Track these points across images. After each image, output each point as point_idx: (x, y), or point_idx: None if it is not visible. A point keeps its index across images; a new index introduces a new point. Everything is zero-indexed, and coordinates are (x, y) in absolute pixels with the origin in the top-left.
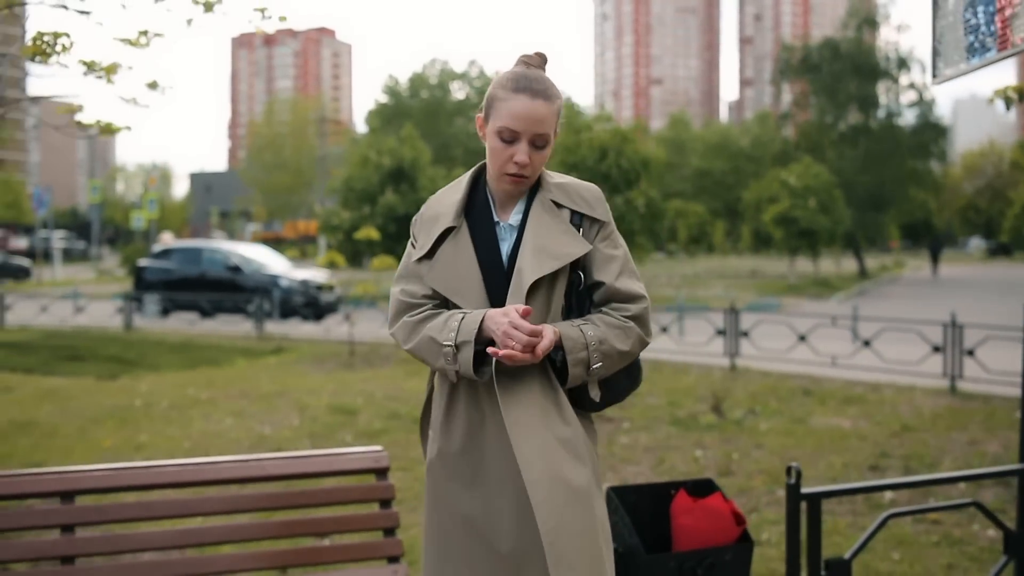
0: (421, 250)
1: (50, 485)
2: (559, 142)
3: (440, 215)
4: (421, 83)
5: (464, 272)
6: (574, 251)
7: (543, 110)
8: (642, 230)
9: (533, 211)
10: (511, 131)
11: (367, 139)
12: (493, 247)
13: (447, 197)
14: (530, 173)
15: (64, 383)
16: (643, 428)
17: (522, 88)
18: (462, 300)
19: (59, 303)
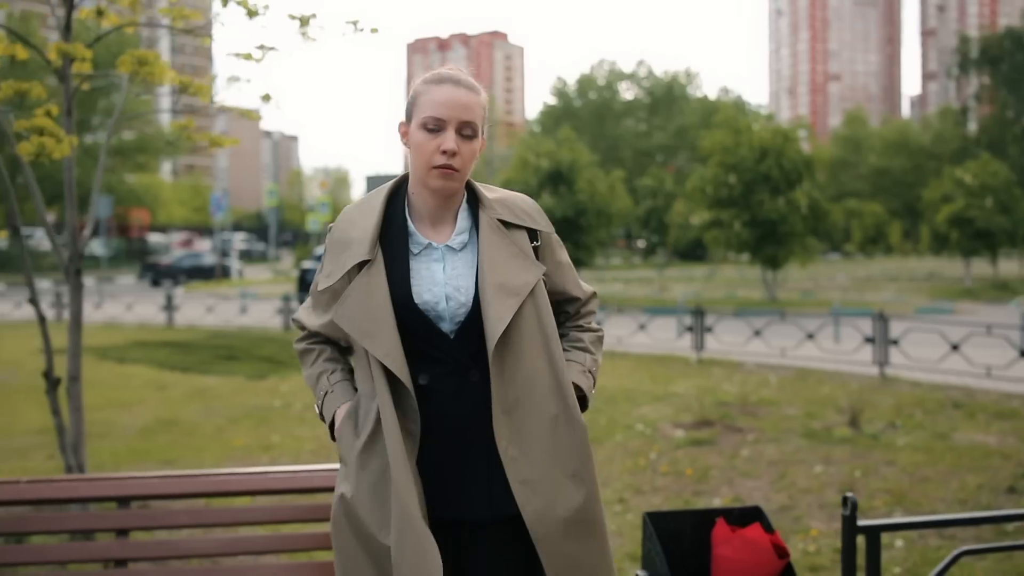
0: (327, 278)
1: (107, 490)
2: (717, 142)
3: (352, 242)
4: (589, 84)
5: (376, 313)
6: (530, 279)
7: (468, 97)
8: (805, 231)
9: (483, 236)
10: (436, 119)
11: (526, 141)
12: (403, 281)
13: (360, 219)
14: (460, 165)
15: (215, 382)
16: (772, 440)
17: (444, 79)
18: (372, 344)
19: (224, 304)
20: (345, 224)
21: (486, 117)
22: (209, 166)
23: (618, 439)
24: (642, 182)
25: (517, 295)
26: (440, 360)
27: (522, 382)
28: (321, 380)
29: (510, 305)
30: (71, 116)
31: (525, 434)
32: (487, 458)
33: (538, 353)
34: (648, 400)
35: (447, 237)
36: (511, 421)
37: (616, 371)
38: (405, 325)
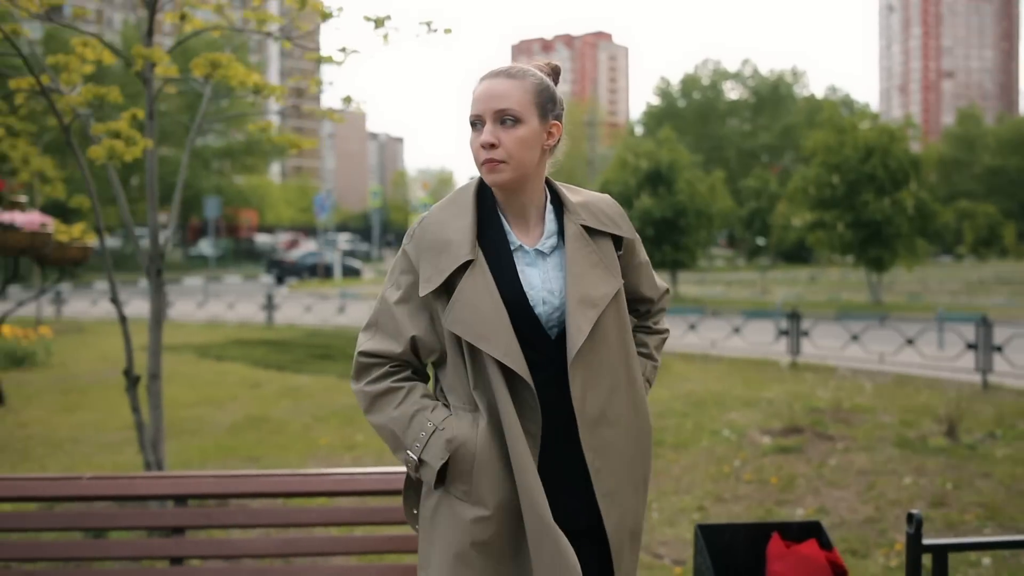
0: (429, 284)
1: (165, 488)
2: (820, 141)
3: (449, 243)
4: (693, 84)
5: (489, 313)
6: (608, 291)
7: (504, 85)
8: (911, 232)
9: (569, 245)
10: (474, 115)
11: (626, 142)
12: (515, 279)
13: (452, 220)
14: (503, 156)
15: (307, 381)
16: (863, 449)
17: (486, 75)
18: (488, 345)
19: (323, 303)
20: (435, 226)
21: (548, 100)
22: (316, 167)
23: (704, 445)
24: (746, 183)
25: (596, 307)
26: (541, 365)
27: (604, 393)
28: (418, 420)
29: (589, 317)
30: (153, 119)
31: (607, 446)
32: (580, 467)
33: (619, 363)
34: (738, 405)
35: (535, 240)
36: (595, 432)
37: (708, 375)
38: (520, 326)
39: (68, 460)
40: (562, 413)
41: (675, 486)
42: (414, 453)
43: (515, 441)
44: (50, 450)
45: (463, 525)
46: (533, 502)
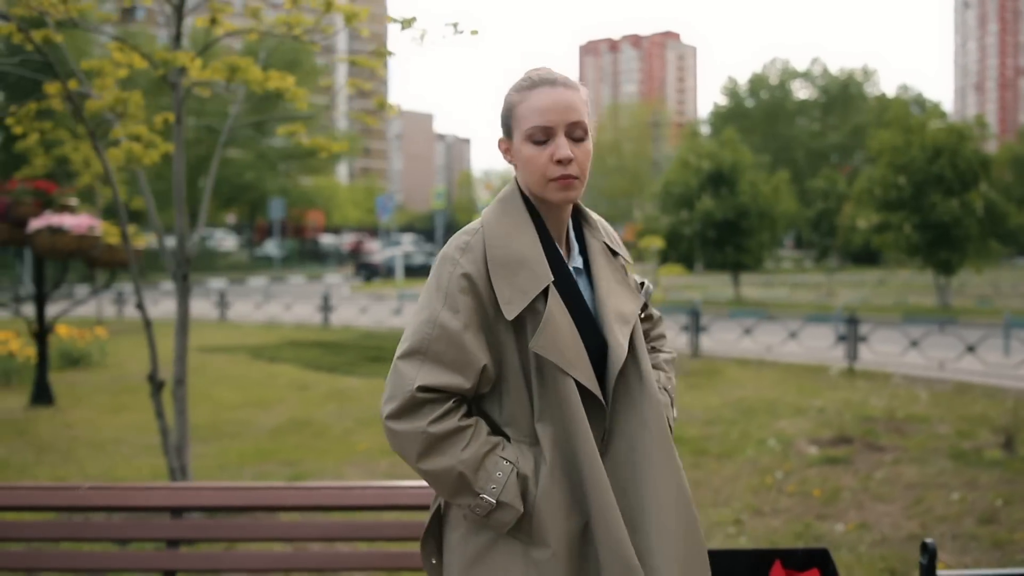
0: (512, 306)
1: (161, 500)
2: (886, 141)
3: (525, 261)
4: (761, 83)
5: (571, 339)
6: (636, 308)
7: (570, 96)
8: (981, 234)
9: (596, 260)
10: (542, 128)
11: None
12: (580, 301)
13: (516, 234)
14: (578, 171)
15: (356, 384)
16: (914, 460)
17: (539, 81)
18: (577, 372)
19: (379, 304)
20: (502, 240)
21: (591, 113)
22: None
23: (748, 455)
24: (813, 184)
25: (628, 323)
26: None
27: (637, 412)
28: (491, 460)
29: (625, 332)
30: (181, 124)
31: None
32: None
33: (647, 381)
34: (789, 413)
35: (567, 255)
36: (633, 454)
37: (761, 381)
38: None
39: (108, 462)
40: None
41: (714, 498)
42: (491, 496)
43: (596, 475)
44: (92, 452)
45: (523, 568)
46: (616, 539)
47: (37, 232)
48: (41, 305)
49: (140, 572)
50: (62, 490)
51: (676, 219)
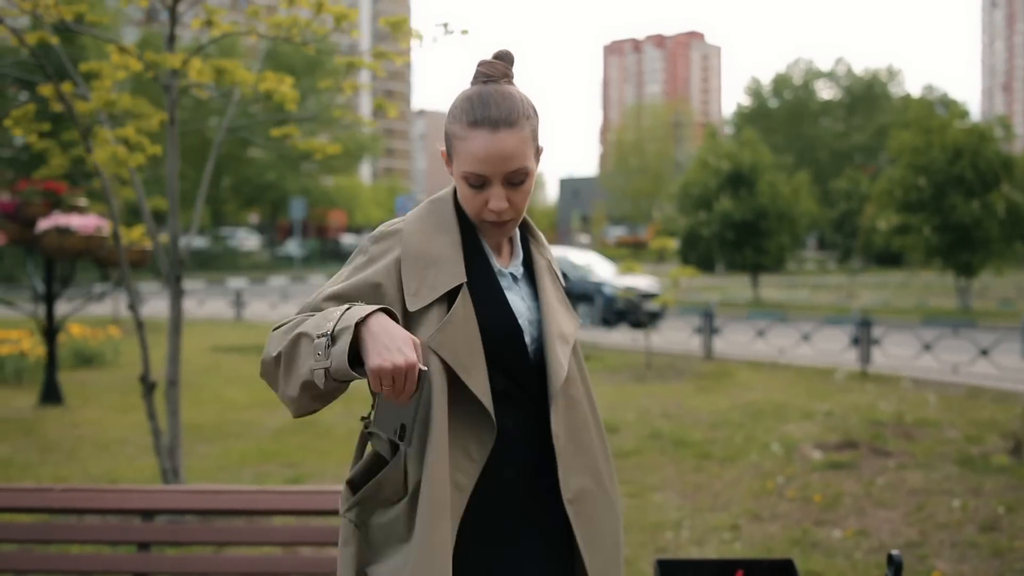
0: (418, 299)
1: (132, 502)
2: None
3: (439, 259)
4: (784, 84)
5: (472, 343)
6: (574, 330)
7: (510, 143)
8: (1003, 236)
9: (542, 278)
10: (477, 175)
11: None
12: (502, 306)
13: (436, 234)
14: (513, 216)
15: (362, 384)
16: (920, 466)
17: (480, 120)
18: (470, 379)
19: None
20: (419, 236)
21: (537, 128)
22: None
23: (752, 459)
24: (836, 184)
25: (567, 343)
26: (518, 401)
27: (579, 429)
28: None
29: (565, 353)
30: (175, 125)
31: (586, 490)
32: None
33: (587, 405)
34: (797, 417)
35: (507, 262)
36: (575, 473)
37: (772, 384)
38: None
39: (112, 462)
40: (534, 452)
41: (712, 502)
42: (326, 331)
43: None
44: (96, 452)
45: None
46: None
47: (45, 232)
48: (50, 304)
49: (111, 574)
50: (35, 492)
51: (694, 220)
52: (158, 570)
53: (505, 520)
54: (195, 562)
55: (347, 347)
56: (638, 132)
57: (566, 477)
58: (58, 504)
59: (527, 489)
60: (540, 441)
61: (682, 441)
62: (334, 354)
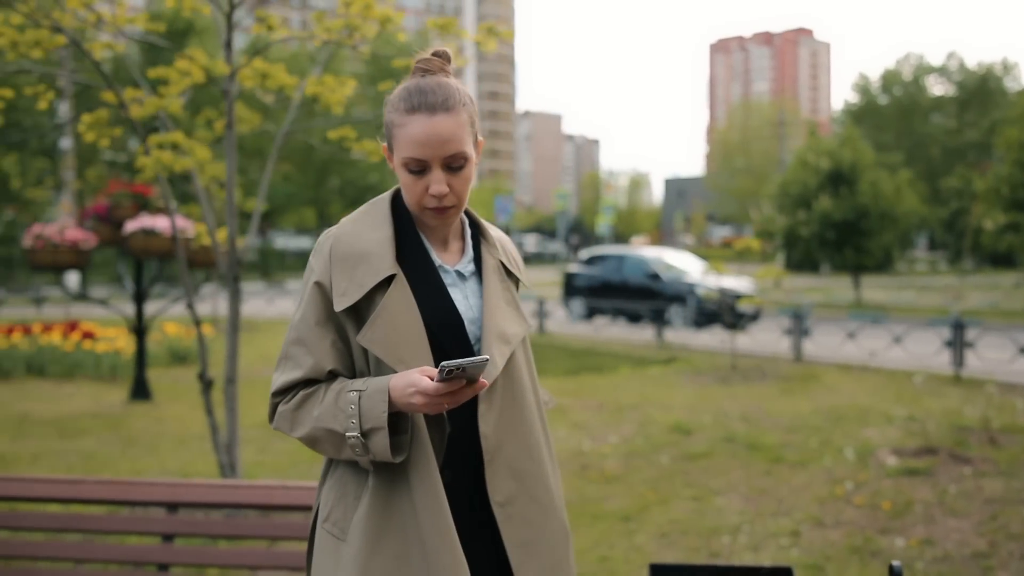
0: (345, 298)
1: (157, 495)
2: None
3: (367, 256)
4: (894, 79)
5: (410, 335)
6: (519, 331)
7: (448, 126)
8: None
9: (488, 277)
10: (417, 160)
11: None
12: (442, 299)
13: (367, 232)
14: (454, 201)
15: None
16: (1001, 474)
17: (416, 106)
18: (404, 368)
19: None
20: (349, 237)
21: (475, 118)
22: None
23: (824, 464)
24: (947, 182)
25: (509, 344)
26: None
27: (518, 435)
28: (343, 398)
29: (503, 353)
30: (232, 129)
31: (518, 493)
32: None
33: (533, 407)
34: (879, 421)
35: (454, 260)
36: (505, 476)
37: (859, 388)
38: (441, 350)
39: (188, 457)
40: (473, 452)
41: (775, 508)
42: (354, 432)
43: (433, 486)
44: (175, 446)
45: None
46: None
47: (132, 234)
48: (140, 303)
49: (135, 564)
50: (66, 483)
51: (793, 220)
52: (179, 561)
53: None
54: (214, 555)
55: (387, 445)
56: (744, 131)
57: (496, 479)
58: (88, 495)
59: (466, 493)
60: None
61: (755, 444)
62: (374, 451)
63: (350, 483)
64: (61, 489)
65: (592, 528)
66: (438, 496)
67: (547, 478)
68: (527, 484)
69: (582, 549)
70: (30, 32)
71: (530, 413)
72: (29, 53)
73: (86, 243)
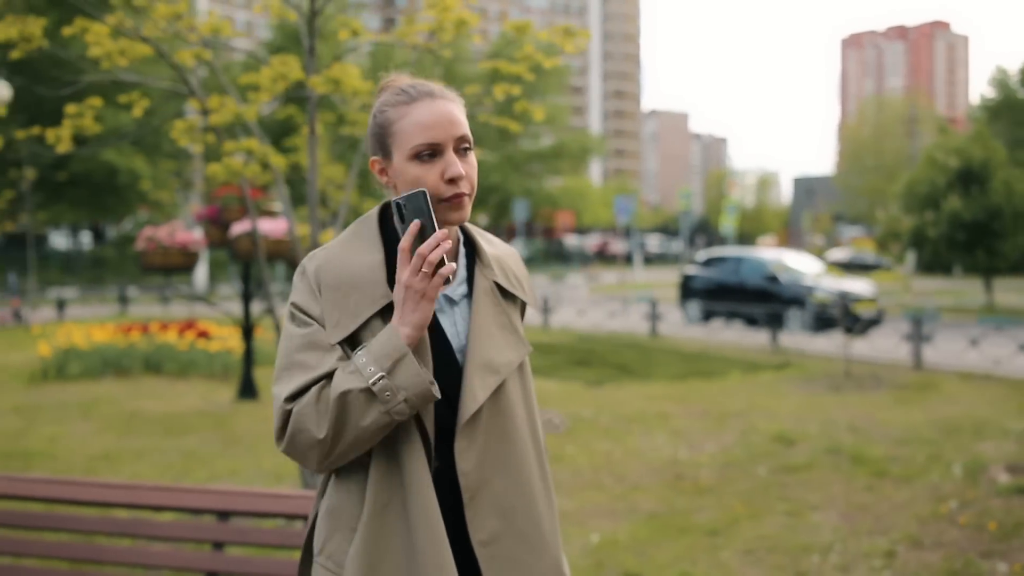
0: (340, 329)
1: (209, 502)
2: None
3: (360, 283)
4: None
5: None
6: (513, 357)
7: (453, 108)
8: None
9: (478, 301)
10: (429, 144)
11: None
12: (436, 327)
13: (358, 256)
14: (469, 188)
15: (551, 387)
16: None
17: (417, 95)
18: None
19: (608, 306)
20: (337, 263)
21: None
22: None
23: (931, 479)
24: None
25: (497, 374)
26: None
27: (507, 472)
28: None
29: (488, 384)
30: (314, 134)
31: (500, 535)
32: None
33: (526, 442)
34: (995, 435)
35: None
36: (492, 514)
37: (980, 398)
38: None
39: (284, 458)
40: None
41: (873, 525)
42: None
43: (430, 516)
44: (274, 447)
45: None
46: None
47: (238, 236)
48: (247, 304)
49: (185, 571)
50: (123, 488)
51: (920, 220)
52: (228, 570)
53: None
54: (263, 565)
55: (418, 369)
56: (876, 128)
57: (478, 518)
58: (142, 501)
59: (450, 531)
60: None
61: (859, 457)
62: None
63: (344, 514)
64: (118, 494)
65: (676, 542)
66: (436, 530)
67: (538, 515)
68: (515, 522)
69: (662, 564)
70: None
71: (522, 446)
72: (117, 62)
73: (195, 245)
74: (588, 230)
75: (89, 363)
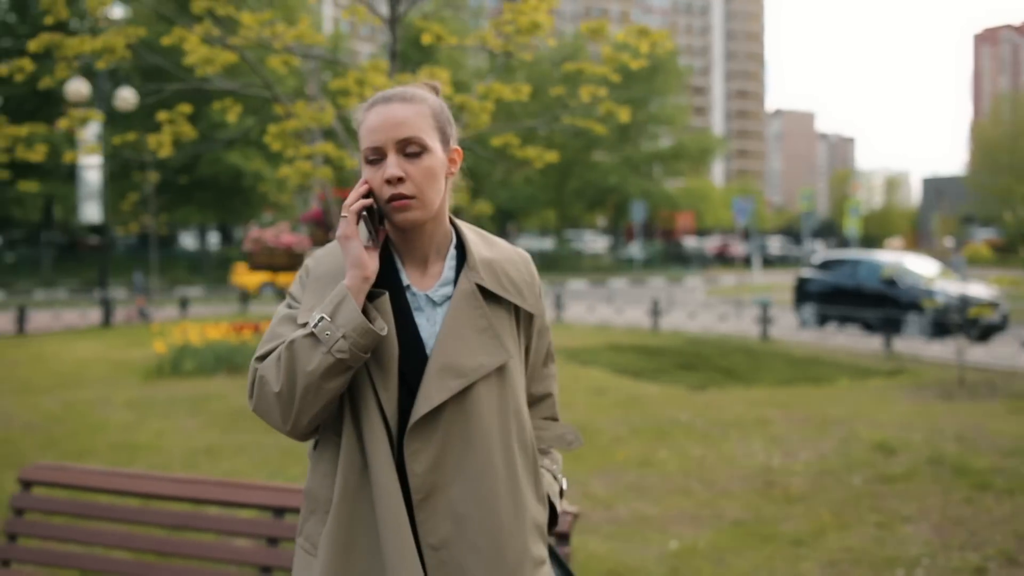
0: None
1: (266, 499)
2: None
3: (338, 277)
4: None
5: (387, 359)
6: (487, 362)
7: (402, 111)
8: None
9: (455, 303)
10: (372, 148)
11: None
12: (407, 321)
13: None
14: (413, 191)
15: (654, 390)
16: None
17: (376, 100)
18: (380, 387)
19: (707, 310)
20: (329, 259)
21: (447, 123)
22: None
23: None
24: None
25: (462, 377)
26: None
27: (466, 474)
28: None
29: (449, 387)
30: None
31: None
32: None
33: (494, 451)
34: None
35: (430, 284)
36: (445, 518)
37: None
38: (408, 373)
39: None
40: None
41: (966, 540)
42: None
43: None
44: None
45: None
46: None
47: None
48: None
49: (239, 565)
50: (188, 483)
51: None
52: (282, 565)
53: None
54: None
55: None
56: (1011, 126)
57: (430, 521)
58: (204, 495)
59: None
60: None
61: (963, 468)
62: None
63: (320, 498)
64: (184, 488)
65: (758, 551)
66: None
67: (496, 526)
68: (467, 530)
69: (739, 573)
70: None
71: (487, 455)
72: (206, 69)
73: (299, 246)
74: (709, 232)
75: (202, 360)
